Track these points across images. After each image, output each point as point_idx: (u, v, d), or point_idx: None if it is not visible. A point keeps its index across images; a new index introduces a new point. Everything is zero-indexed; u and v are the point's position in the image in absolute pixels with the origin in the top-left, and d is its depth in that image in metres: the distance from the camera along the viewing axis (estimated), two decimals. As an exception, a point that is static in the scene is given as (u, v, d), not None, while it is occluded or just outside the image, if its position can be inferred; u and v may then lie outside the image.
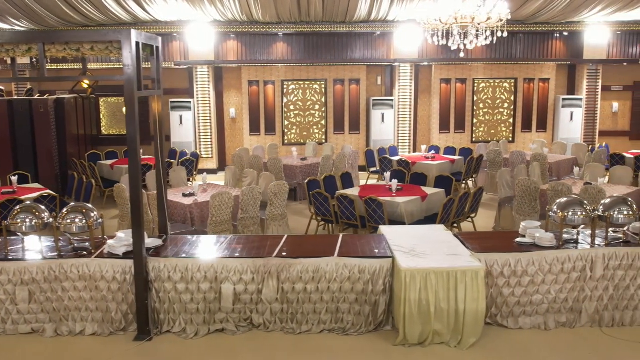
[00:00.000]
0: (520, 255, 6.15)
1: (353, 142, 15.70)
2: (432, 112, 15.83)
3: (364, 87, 15.58)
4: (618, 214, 6.51)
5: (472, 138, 15.82)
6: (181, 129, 15.30)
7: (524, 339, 6.02)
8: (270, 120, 15.59)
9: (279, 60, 15.22)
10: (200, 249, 6.44)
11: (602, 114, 16.16)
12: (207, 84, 15.29)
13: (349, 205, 8.79)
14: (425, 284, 5.76)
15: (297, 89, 15.55)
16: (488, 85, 15.74)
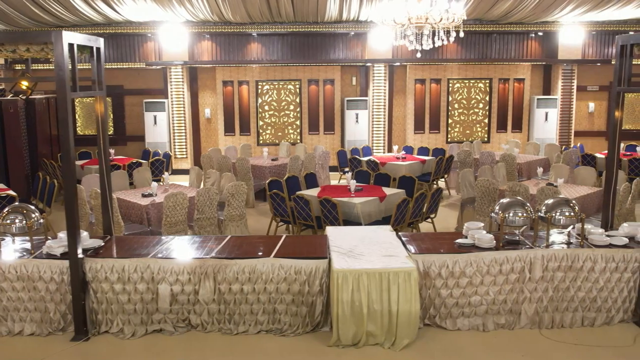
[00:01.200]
0: (457, 257, 6.13)
1: (328, 143, 15.69)
2: (407, 113, 15.81)
3: (339, 87, 15.57)
4: (559, 215, 6.50)
5: (447, 138, 15.80)
6: (155, 129, 15.30)
7: (461, 340, 6.00)
8: (245, 120, 15.58)
9: (254, 61, 15.21)
10: (139, 250, 6.42)
11: (578, 114, 16.13)
12: (181, 85, 15.27)
13: (305, 206, 8.78)
14: (358, 285, 5.75)
15: (271, 90, 15.54)
16: (463, 85, 15.72)
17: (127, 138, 15.88)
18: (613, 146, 7.13)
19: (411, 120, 15.75)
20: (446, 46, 15.30)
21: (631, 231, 6.67)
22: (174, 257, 6.16)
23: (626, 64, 6.83)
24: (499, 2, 12.73)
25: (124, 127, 15.94)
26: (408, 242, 6.62)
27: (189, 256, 6.20)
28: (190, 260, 6.11)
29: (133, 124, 15.87)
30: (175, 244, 6.67)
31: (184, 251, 6.38)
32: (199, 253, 6.29)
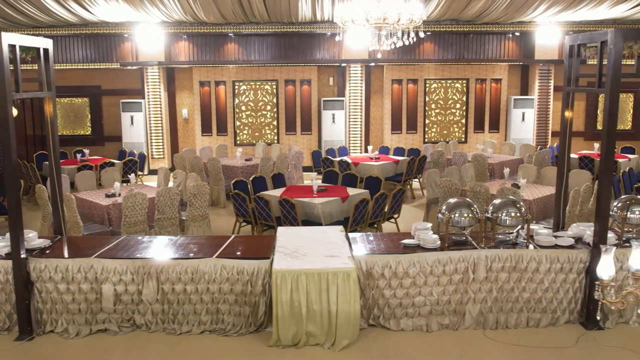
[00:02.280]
0: (400, 257, 6.12)
1: (305, 143, 15.69)
2: (384, 113, 15.80)
3: (316, 87, 15.57)
4: (505, 215, 6.49)
5: (424, 139, 15.80)
6: (132, 129, 15.30)
7: (404, 340, 6.00)
8: (222, 120, 15.58)
9: (231, 61, 15.21)
10: (85, 250, 6.42)
11: (556, 115, 16.09)
12: (157, 85, 15.27)
13: (265, 206, 8.77)
14: (297, 285, 5.75)
15: (248, 90, 15.54)
16: (440, 85, 15.72)
17: (104, 138, 15.90)
18: (564, 147, 7.14)
19: (388, 121, 15.75)
20: (423, 46, 15.30)
21: (579, 232, 6.67)
22: (117, 257, 6.17)
23: (574, 64, 6.84)
24: (472, 2, 12.71)
25: (101, 127, 15.95)
26: (355, 242, 6.63)
27: (132, 256, 6.21)
28: (133, 261, 6.11)
29: (111, 124, 15.88)
30: (123, 244, 6.68)
31: (129, 251, 6.38)
32: (144, 253, 6.30)
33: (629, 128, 16.30)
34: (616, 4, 12.87)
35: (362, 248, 6.40)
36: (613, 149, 6.12)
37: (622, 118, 16.29)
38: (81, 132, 15.96)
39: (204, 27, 14.64)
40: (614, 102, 5.95)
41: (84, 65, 15.23)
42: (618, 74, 5.87)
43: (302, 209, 8.92)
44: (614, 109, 5.98)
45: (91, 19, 13.90)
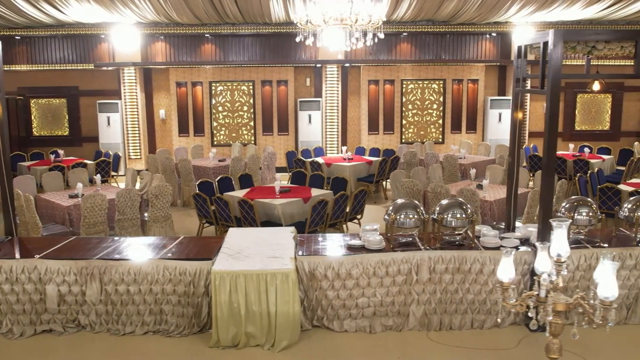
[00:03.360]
0: (343, 258, 6.12)
1: (282, 143, 15.69)
2: (361, 114, 15.81)
3: (292, 88, 15.58)
4: (451, 217, 6.49)
5: (401, 139, 15.79)
6: (109, 130, 15.31)
7: (346, 341, 6.00)
8: (199, 121, 15.59)
9: (207, 62, 15.21)
10: (33, 251, 6.41)
11: (534, 115, 16.11)
12: (134, 86, 15.28)
13: (225, 207, 8.78)
14: (236, 287, 5.75)
15: (225, 90, 15.55)
16: (417, 86, 15.71)
17: (82, 139, 15.91)
18: (514, 148, 7.14)
19: (365, 121, 15.76)
20: (400, 47, 15.30)
21: (526, 233, 6.67)
22: (60, 258, 6.17)
23: (522, 65, 6.84)
24: (445, 2, 12.72)
25: (79, 128, 15.97)
26: (303, 243, 6.63)
27: (76, 257, 6.21)
28: (76, 261, 6.11)
29: (88, 125, 15.89)
30: (71, 245, 6.68)
31: (75, 252, 6.38)
32: (88, 254, 6.30)
33: (607, 128, 16.30)
34: (589, 5, 12.88)
35: (307, 249, 6.39)
36: (555, 148, 6.12)
37: (600, 119, 16.30)
38: (59, 132, 15.98)
39: (181, 28, 14.65)
40: (554, 102, 5.95)
41: (61, 66, 15.25)
42: (558, 75, 5.87)
43: (263, 210, 8.93)
44: (554, 109, 5.98)
45: (66, 20, 13.91)
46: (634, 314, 6.36)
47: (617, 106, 16.14)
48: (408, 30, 14.74)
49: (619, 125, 16.20)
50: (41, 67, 15.05)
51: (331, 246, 6.50)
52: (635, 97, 16.05)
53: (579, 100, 16.10)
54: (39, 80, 15.50)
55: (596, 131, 16.26)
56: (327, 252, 6.28)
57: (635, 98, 16.09)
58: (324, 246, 6.51)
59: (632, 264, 6.27)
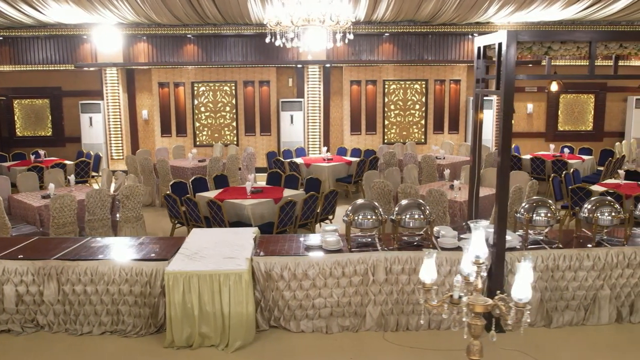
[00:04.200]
0: (299, 259, 6.14)
1: (265, 144, 15.71)
2: (344, 114, 15.82)
3: (275, 88, 15.60)
4: (409, 218, 6.51)
5: (383, 139, 15.80)
6: (91, 130, 15.34)
7: (302, 342, 6.02)
8: (182, 121, 15.62)
9: (189, 62, 15.23)
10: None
11: (517, 115, 16.10)
12: (116, 86, 15.31)
13: (194, 208, 8.79)
14: (189, 287, 5.76)
15: (207, 91, 15.57)
16: (399, 86, 15.72)
17: (65, 139, 15.94)
18: (475, 148, 7.14)
19: (347, 122, 15.77)
20: (382, 47, 15.30)
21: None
22: (18, 259, 6.19)
23: (481, 66, 6.86)
24: (424, 2, 12.73)
25: (62, 128, 16.00)
26: (262, 243, 6.65)
27: (34, 257, 6.22)
28: (34, 262, 6.13)
29: (71, 125, 15.91)
30: (32, 245, 6.71)
31: (35, 253, 6.40)
32: (49, 254, 6.31)
33: (590, 129, 16.31)
34: (568, 5, 12.87)
35: (266, 249, 6.41)
36: (509, 148, 6.13)
37: (584, 119, 16.31)
38: (42, 133, 16.01)
39: (163, 28, 14.67)
40: (508, 102, 5.98)
41: (44, 66, 15.28)
42: (512, 75, 5.89)
43: (234, 211, 8.95)
44: (508, 110, 6.00)
45: (46, 21, 13.93)
46: (591, 315, 6.36)
47: (600, 107, 16.15)
48: (390, 31, 14.75)
49: (602, 126, 16.21)
50: (24, 68, 15.07)
51: (290, 247, 6.52)
52: (618, 97, 16.06)
53: (562, 100, 16.09)
54: (22, 81, 15.52)
55: (579, 132, 16.26)
56: (284, 252, 6.30)
57: (619, 98, 16.09)
58: (283, 247, 6.52)
59: (589, 265, 6.28)
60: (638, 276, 6.34)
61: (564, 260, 6.26)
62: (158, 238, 7.27)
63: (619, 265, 6.31)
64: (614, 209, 6.60)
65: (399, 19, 14.22)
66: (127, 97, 15.80)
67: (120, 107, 15.43)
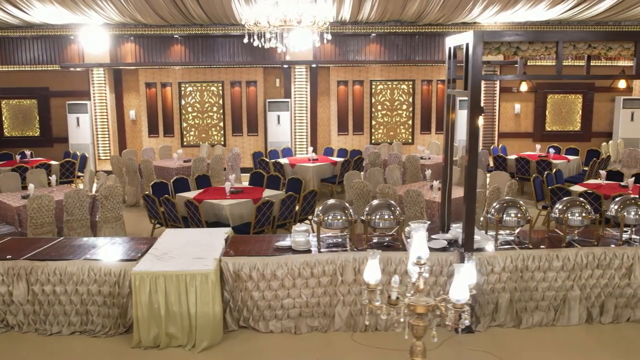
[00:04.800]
0: (268, 259, 6.14)
1: (252, 144, 15.73)
2: (331, 114, 15.84)
3: (262, 88, 15.62)
4: (379, 218, 6.52)
5: (371, 140, 15.81)
6: (79, 131, 15.36)
7: (271, 342, 6.03)
8: (169, 122, 15.64)
9: (176, 63, 15.24)
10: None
11: (504, 116, 16.11)
12: (103, 86, 15.33)
13: (172, 208, 8.80)
14: (156, 287, 5.77)
15: (194, 91, 15.59)
16: (386, 87, 15.72)
17: (53, 139, 15.96)
18: (447, 149, 7.15)
19: (335, 122, 15.79)
20: (368, 47, 15.32)
21: (456, 234, 6.68)
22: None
23: (452, 66, 6.88)
24: (409, 3, 12.73)
25: (50, 128, 16.01)
26: (234, 244, 6.66)
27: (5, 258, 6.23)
28: (3, 262, 6.14)
29: (59, 125, 15.93)
30: (5, 245, 6.74)
31: (6, 253, 6.41)
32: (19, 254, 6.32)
33: (577, 129, 16.31)
34: (553, 5, 12.89)
35: (236, 250, 6.42)
36: (477, 149, 6.14)
37: (571, 119, 16.31)
38: (30, 133, 16.03)
39: (150, 29, 14.68)
40: (475, 102, 6.01)
41: (32, 67, 15.30)
42: (478, 75, 5.92)
43: (212, 211, 8.96)
44: (475, 109, 6.02)
45: (34, 21, 13.93)
46: (561, 315, 6.37)
47: (588, 107, 16.15)
48: (377, 31, 14.76)
49: (589, 126, 16.22)
50: (12, 68, 15.10)
51: (261, 247, 6.52)
52: (606, 97, 16.07)
53: (550, 100, 16.10)
54: (9, 81, 15.52)
55: (567, 132, 16.26)
56: (254, 253, 6.30)
57: (606, 99, 16.11)
58: (254, 247, 6.54)
59: (558, 266, 6.28)
60: (608, 277, 6.34)
61: (533, 261, 6.26)
62: (130, 238, 7.28)
63: (588, 265, 6.31)
64: (584, 209, 6.60)
65: (385, 19, 14.23)
66: (114, 97, 15.81)
67: (107, 107, 15.45)
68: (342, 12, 13.41)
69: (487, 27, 14.63)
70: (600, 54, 6.31)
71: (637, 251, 6.34)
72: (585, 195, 9.23)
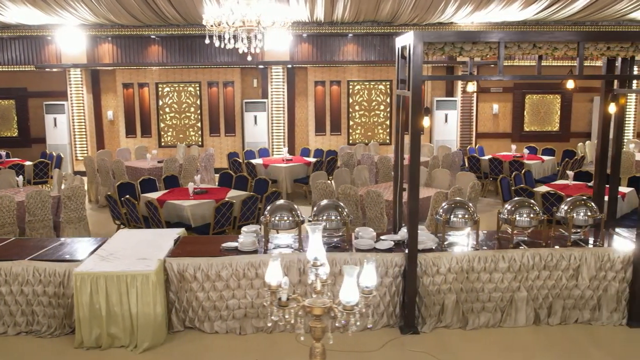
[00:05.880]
0: (213, 260, 6.14)
1: (229, 144, 15.74)
2: (309, 115, 15.84)
3: (239, 89, 15.63)
4: (325, 219, 6.53)
5: (348, 140, 15.83)
6: (56, 131, 15.38)
7: (215, 343, 6.04)
8: (146, 122, 15.66)
9: (153, 63, 15.24)
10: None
11: (483, 116, 16.11)
12: (80, 87, 15.34)
13: (133, 208, 8.81)
14: (97, 288, 5.78)
15: (172, 92, 15.60)
16: (363, 87, 15.74)
17: (32, 140, 16.02)
18: (397, 149, 7.17)
19: (312, 122, 15.80)
20: (345, 48, 15.31)
21: (404, 235, 6.67)
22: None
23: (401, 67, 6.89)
24: (382, 3, 12.73)
25: (28, 129, 16.04)
26: (182, 245, 6.67)
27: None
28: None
29: (37, 126, 15.96)
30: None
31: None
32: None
33: (556, 129, 16.31)
34: (527, 5, 12.90)
35: (183, 250, 6.43)
36: (418, 149, 6.15)
37: (550, 120, 16.31)
38: (8, 134, 16.06)
39: (127, 29, 14.67)
40: (416, 102, 6.02)
41: (9, 67, 15.30)
42: (419, 75, 5.93)
43: (175, 212, 8.98)
44: (416, 110, 6.04)
45: (9, 22, 13.93)
46: (508, 317, 6.36)
47: (567, 107, 16.16)
48: (354, 31, 14.76)
49: (568, 126, 16.22)
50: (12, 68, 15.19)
51: (209, 248, 6.53)
52: (584, 98, 16.07)
53: (528, 101, 16.10)
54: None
55: (545, 132, 16.26)
56: (200, 253, 6.31)
57: (585, 99, 16.10)
58: (202, 248, 6.54)
59: (505, 267, 6.28)
60: (555, 278, 6.34)
61: (479, 262, 6.26)
62: (81, 239, 7.30)
63: (535, 267, 6.31)
64: (532, 210, 6.61)
65: (360, 19, 14.23)
66: (92, 97, 15.82)
67: (84, 107, 15.46)
68: (316, 13, 13.41)
69: (464, 27, 14.62)
70: (547, 54, 6.31)
71: (584, 252, 6.34)
72: (547, 195, 9.25)
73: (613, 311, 6.45)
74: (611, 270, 6.39)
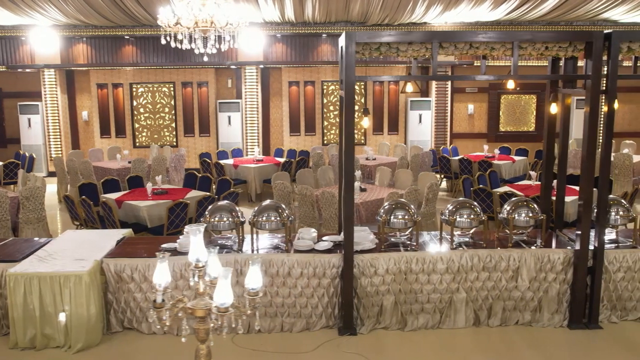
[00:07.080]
0: (149, 261, 6.16)
1: (204, 145, 15.76)
2: (284, 115, 15.85)
3: (213, 89, 15.64)
4: (265, 220, 6.54)
5: (323, 140, 15.83)
6: (30, 131, 15.40)
7: (151, 344, 6.05)
8: (121, 123, 15.67)
9: (127, 63, 15.23)
10: None
11: (458, 116, 16.10)
12: (54, 87, 15.35)
13: (89, 209, 8.83)
14: (30, 289, 5.80)
15: (146, 92, 15.62)
16: (337, 87, 15.74)
17: (7, 141, 16.03)
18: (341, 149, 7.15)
19: (287, 123, 15.80)
20: (320, 48, 15.31)
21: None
22: None
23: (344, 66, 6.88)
24: (351, 3, 12.74)
25: (3, 129, 16.06)
26: (124, 245, 6.68)
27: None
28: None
29: (13, 126, 15.97)
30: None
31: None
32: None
33: (532, 130, 16.30)
34: (497, 5, 12.90)
35: (123, 251, 6.44)
36: (352, 149, 6.17)
37: (526, 120, 16.30)
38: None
39: (100, 30, 14.66)
40: (349, 102, 6.05)
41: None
42: (352, 76, 5.96)
43: (132, 212, 8.99)
44: (349, 109, 6.08)
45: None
46: (447, 318, 6.36)
47: (543, 107, 16.10)
48: (327, 32, 14.76)
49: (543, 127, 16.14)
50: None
51: (150, 248, 6.53)
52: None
53: (503, 101, 16.09)
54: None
55: (521, 132, 16.25)
56: (138, 254, 6.32)
57: (561, 99, 16.04)
58: (143, 248, 6.55)
59: (443, 268, 6.28)
60: (495, 279, 6.34)
61: (416, 263, 6.26)
62: (25, 240, 7.30)
63: (474, 268, 6.31)
64: (473, 211, 6.62)
65: (332, 19, 14.23)
66: (66, 98, 15.83)
67: (58, 108, 15.47)
68: (287, 13, 13.42)
69: (437, 28, 14.62)
70: (486, 54, 6.32)
71: (524, 253, 6.35)
72: (505, 196, 9.25)
73: (554, 313, 6.45)
74: (551, 272, 6.39)
